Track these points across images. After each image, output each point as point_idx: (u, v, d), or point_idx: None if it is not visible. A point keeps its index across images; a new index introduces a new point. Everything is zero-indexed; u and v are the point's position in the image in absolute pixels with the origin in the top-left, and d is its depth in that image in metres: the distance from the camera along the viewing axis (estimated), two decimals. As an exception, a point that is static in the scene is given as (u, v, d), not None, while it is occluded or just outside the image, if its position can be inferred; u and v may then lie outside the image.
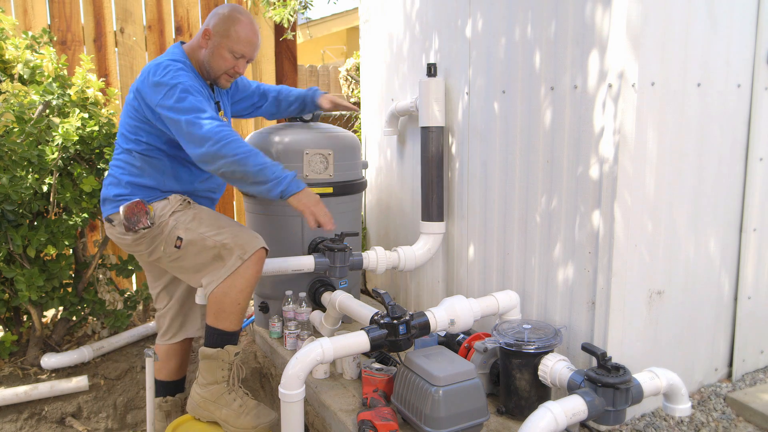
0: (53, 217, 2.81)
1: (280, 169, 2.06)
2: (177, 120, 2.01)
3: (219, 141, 1.96)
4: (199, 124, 1.98)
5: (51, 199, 2.75)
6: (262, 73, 4.03)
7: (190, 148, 2.02)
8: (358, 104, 4.98)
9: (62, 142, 2.65)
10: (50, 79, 2.77)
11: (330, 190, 2.77)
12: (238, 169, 1.99)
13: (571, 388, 1.80)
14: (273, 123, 4.04)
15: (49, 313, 3.23)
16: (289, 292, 2.73)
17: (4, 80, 2.80)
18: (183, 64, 2.16)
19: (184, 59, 2.20)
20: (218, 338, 2.14)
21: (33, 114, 2.70)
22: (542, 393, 2.01)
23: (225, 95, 2.47)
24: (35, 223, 2.78)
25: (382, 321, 2.00)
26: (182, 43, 2.30)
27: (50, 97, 2.71)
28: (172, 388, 2.52)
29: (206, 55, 2.20)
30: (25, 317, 3.06)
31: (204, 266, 2.16)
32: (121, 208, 2.11)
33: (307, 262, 2.49)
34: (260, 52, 4.01)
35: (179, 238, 2.13)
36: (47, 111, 2.75)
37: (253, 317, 3.18)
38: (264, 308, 2.95)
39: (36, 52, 2.92)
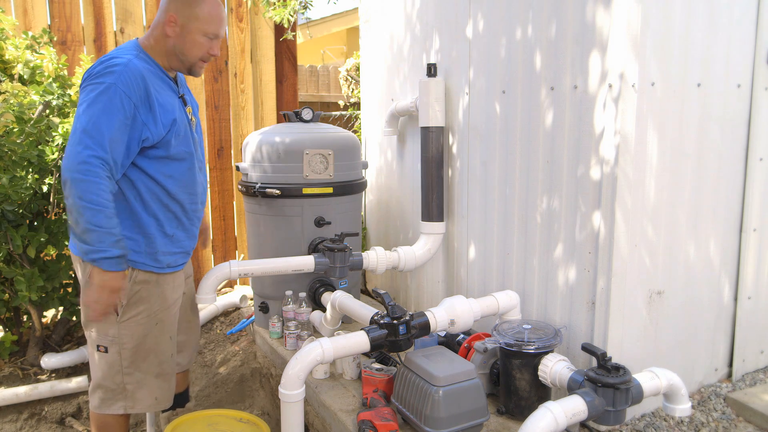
0: (53, 217, 2.81)
1: (108, 243, 1.79)
2: (77, 117, 1.81)
3: (79, 172, 1.75)
4: (78, 143, 1.76)
5: (51, 200, 2.74)
6: (262, 73, 4.03)
7: (66, 150, 1.81)
8: (358, 104, 4.98)
9: (62, 142, 2.64)
10: (50, 80, 2.77)
11: (330, 190, 2.77)
12: (75, 211, 1.77)
13: (571, 388, 1.80)
14: (274, 123, 4.05)
15: (49, 314, 3.23)
16: (289, 292, 2.73)
17: (4, 80, 2.80)
18: (135, 56, 1.91)
19: (138, 51, 1.95)
20: None
21: (33, 114, 2.70)
22: (542, 393, 2.01)
23: (188, 90, 2.20)
24: (35, 223, 2.78)
25: (382, 321, 2.00)
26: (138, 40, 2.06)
27: (50, 97, 2.71)
28: (179, 400, 2.49)
29: (176, 44, 1.94)
30: (25, 317, 3.06)
31: (98, 376, 2.04)
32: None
33: (307, 262, 2.49)
34: (260, 53, 4.01)
35: (101, 346, 2.01)
36: (47, 111, 2.75)
37: (253, 317, 3.18)
38: (264, 308, 2.95)
39: (36, 52, 2.92)
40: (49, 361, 2.92)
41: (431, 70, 2.70)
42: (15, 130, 2.61)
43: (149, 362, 2.06)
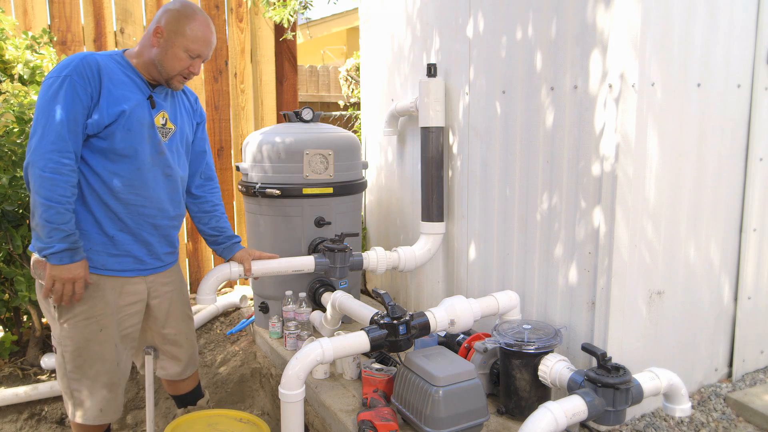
0: (53, 217, 2.81)
1: (58, 238, 1.82)
2: (41, 110, 1.85)
3: (41, 168, 1.79)
4: (41, 136, 1.81)
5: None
6: (262, 73, 4.03)
7: (31, 146, 1.85)
8: (358, 104, 4.98)
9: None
10: (50, 79, 2.76)
11: (330, 190, 2.77)
12: (33, 204, 1.83)
13: (571, 389, 1.80)
14: (274, 123, 4.05)
15: (49, 313, 3.22)
16: (289, 293, 2.73)
17: (4, 80, 2.80)
18: (105, 55, 1.96)
19: (113, 53, 2.00)
20: None
21: (33, 114, 2.70)
22: (542, 393, 2.01)
23: (182, 104, 2.18)
24: (35, 223, 2.77)
25: (382, 321, 2.00)
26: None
27: (50, 97, 2.70)
28: (192, 398, 2.48)
29: (158, 55, 1.97)
30: (25, 317, 3.06)
31: (62, 385, 2.05)
32: (34, 257, 1.94)
33: (307, 263, 2.49)
34: (260, 53, 4.01)
35: (54, 347, 2.03)
36: (47, 111, 2.74)
37: (253, 317, 3.18)
38: (264, 308, 2.95)
39: (36, 52, 2.93)
40: (49, 361, 2.92)
41: (431, 70, 2.70)
42: (15, 130, 2.62)
43: (96, 370, 2.00)
